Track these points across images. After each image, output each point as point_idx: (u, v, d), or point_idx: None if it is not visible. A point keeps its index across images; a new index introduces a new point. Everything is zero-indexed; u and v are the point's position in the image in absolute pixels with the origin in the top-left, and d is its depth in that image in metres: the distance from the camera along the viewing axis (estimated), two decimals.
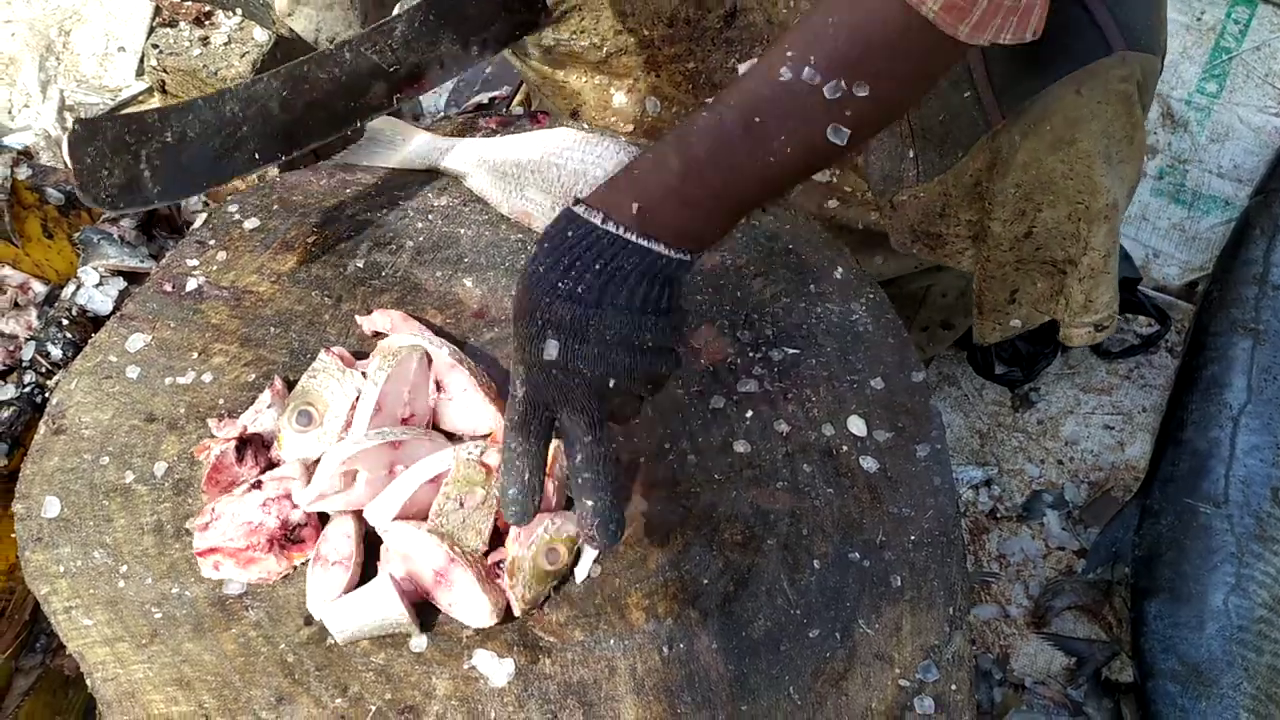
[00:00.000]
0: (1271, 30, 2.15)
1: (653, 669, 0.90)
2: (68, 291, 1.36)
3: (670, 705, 0.88)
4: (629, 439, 1.01)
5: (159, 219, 1.50)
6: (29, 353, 1.32)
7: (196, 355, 1.04)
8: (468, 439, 0.99)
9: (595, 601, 0.92)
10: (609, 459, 0.87)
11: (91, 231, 1.40)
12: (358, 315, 1.06)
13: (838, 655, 0.92)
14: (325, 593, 0.90)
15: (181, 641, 0.90)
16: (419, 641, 0.90)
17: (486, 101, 2.05)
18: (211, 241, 1.12)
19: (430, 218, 1.15)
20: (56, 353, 1.31)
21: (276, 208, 1.15)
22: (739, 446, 1.01)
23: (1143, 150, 1.14)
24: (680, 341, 0.92)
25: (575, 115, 1.42)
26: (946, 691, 0.92)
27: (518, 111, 1.39)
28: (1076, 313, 1.20)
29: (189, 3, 1.39)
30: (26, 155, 1.75)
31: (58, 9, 2.15)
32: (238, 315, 1.07)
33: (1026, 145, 1.11)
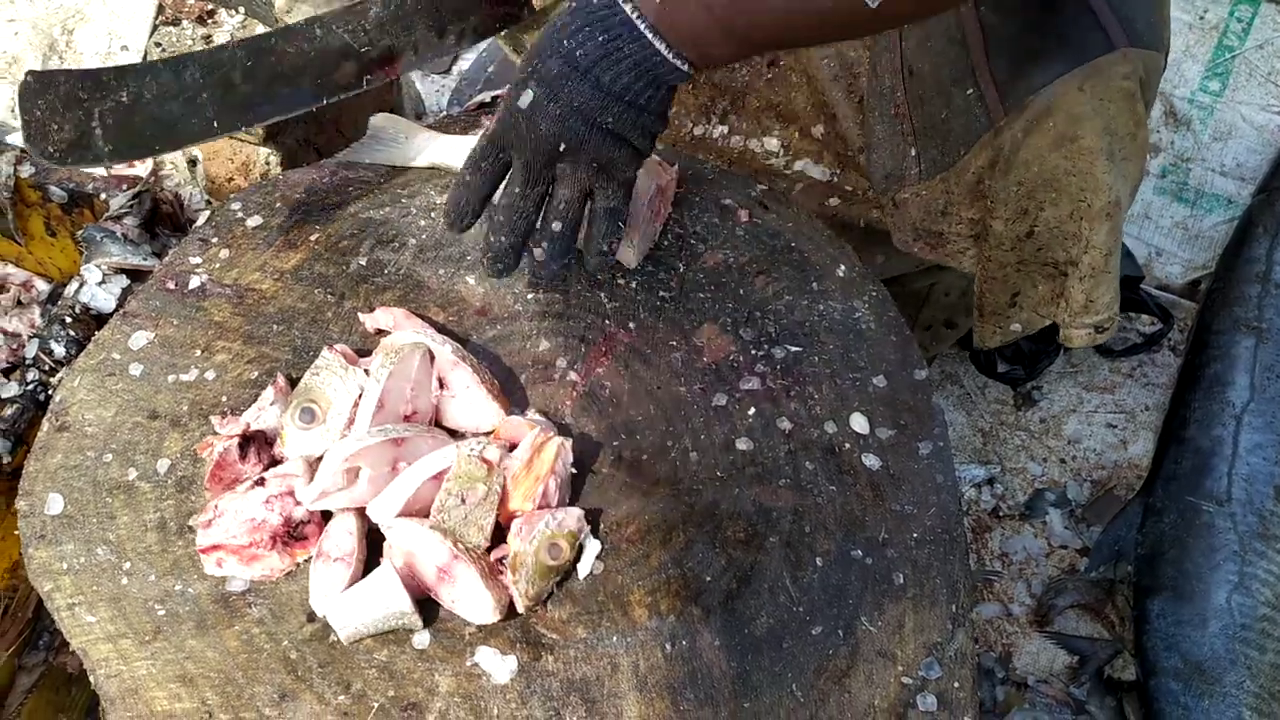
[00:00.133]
0: (1274, 29, 2.15)
1: (655, 666, 0.90)
2: (71, 289, 1.36)
3: (673, 702, 0.88)
4: (631, 436, 1.01)
5: (162, 217, 1.50)
6: (32, 350, 1.32)
7: (199, 353, 1.04)
8: (470, 436, 0.99)
9: (598, 598, 0.93)
10: (527, 214, 0.96)
11: (94, 229, 1.40)
12: (360, 313, 1.06)
13: (840, 652, 0.92)
14: (328, 589, 0.90)
15: (184, 638, 0.90)
16: (422, 638, 0.90)
17: (489, 100, 2.05)
18: (214, 239, 1.12)
19: (433, 216, 1.15)
20: (60, 350, 1.31)
21: (279, 205, 1.15)
22: (741, 444, 1.01)
23: (1145, 148, 1.14)
24: (644, 145, 0.97)
25: None
26: (949, 689, 0.92)
27: None
28: (1077, 313, 1.19)
29: (192, 1, 1.39)
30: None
31: (61, 8, 2.16)
32: (241, 313, 1.07)
33: (1029, 142, 1.11)
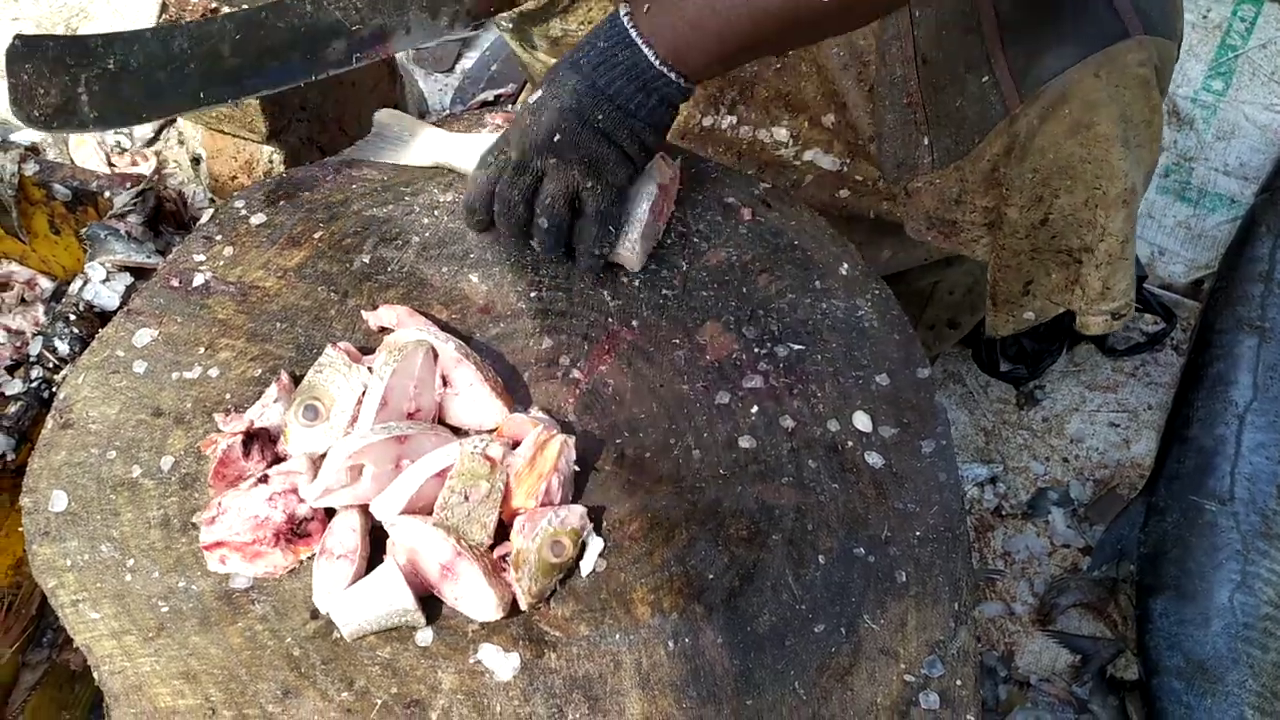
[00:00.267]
0: (1278, 28, 2.15)
1: (658, 663, 0.90)
2: (75, 287, 1.37)
3: (675, 700, 0.88)
4: (634, 434, 1.01)
5: (166, 215, 1.50)
6: (36, 348, 1.32)
7: (203, 350, 1.05)
8: (473, 433, 0.99)
9: (601, 596, 0.93)
10: (515, 204, 1.03)
11: (98, 227, 1.40)
12: (364, 310, 1.07)
13: (843, 650, 0.92)
14: (331, 586, 0.90)
15: (188, 635, 0.90)
16: (425, 635, 0.90)
17: (492, 99, 2.05)
18: (218, 237, 1.12)
19: (436, 213, 1.15)
20: (63, 348, 1.31)
21: (283, 203, 1.15)
22: (744, 442, 1.01)
23: (1160, 135, 1.14)
24: (634, 150, 1.02)
25: None
26: (951, 687, 0.92)
27: None
28: (1093, 300, 1.19)
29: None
30: (33, 151, 1.76)
31: (65, 6, 2.16)
32: (244, 310, 1.07)
33: (1045, 129, 1.11)
